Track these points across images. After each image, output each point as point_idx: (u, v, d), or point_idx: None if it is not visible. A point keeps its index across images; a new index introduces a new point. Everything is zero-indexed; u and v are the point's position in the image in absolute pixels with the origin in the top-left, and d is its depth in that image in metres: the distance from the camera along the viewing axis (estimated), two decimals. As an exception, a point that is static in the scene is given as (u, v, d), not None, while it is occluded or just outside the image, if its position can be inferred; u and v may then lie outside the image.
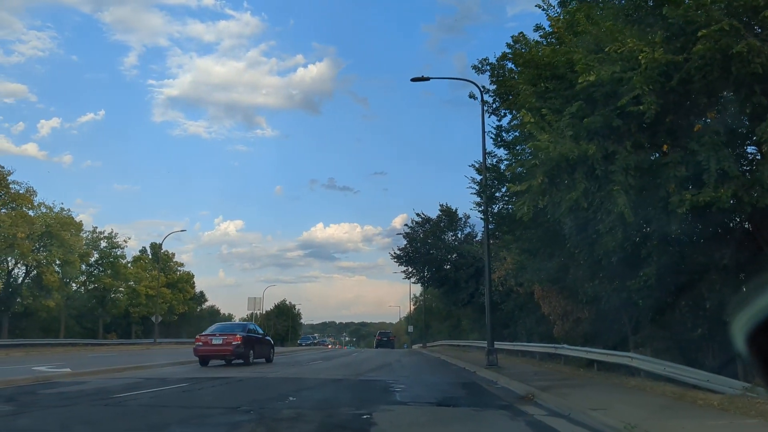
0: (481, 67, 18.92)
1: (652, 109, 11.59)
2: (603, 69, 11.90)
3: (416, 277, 51.19)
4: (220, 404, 11.85)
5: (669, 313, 16.94)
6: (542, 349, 25.60)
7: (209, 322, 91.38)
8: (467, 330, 52.86)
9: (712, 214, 12.54)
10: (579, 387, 14.33)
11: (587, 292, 20.32)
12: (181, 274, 79.96)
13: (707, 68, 11.08)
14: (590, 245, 15.70)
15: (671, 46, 11.62)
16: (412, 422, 10.01)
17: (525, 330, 33.32)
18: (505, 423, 9.89)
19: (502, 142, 20.71)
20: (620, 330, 20.04)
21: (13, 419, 9.88)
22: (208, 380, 16.69)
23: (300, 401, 12.32)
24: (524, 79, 14.33)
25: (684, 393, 12.12)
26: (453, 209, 48.20)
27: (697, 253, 15.23)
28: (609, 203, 12.63)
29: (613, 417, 9.30)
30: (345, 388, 15.53)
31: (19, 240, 47.40)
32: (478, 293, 41.03)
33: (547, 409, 11.44)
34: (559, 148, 12.38)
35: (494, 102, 20.25)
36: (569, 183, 13.54)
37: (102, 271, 65.24)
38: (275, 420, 9.65)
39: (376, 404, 11.63)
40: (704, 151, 11.45)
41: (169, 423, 9.59)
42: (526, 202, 14.13)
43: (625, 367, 16.73)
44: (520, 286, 29.38)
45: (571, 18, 14.15)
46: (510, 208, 19.19)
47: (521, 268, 24.86)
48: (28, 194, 50.91)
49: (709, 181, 11.34)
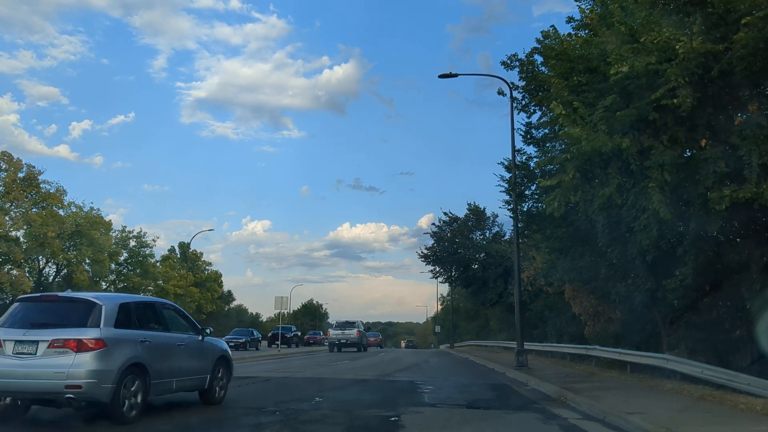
0: (510, 63, 18.57)
1: (688, 101, 11.20)
2: (637, 60, 11.51)
3: (443, 277, 50.96)
4: (245, 405, 11.67)
5: (705, 313, 16.43)
6: (573, 350, 25.11)
7: (237, 321, 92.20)
8: (495, 330, 52.36)
9: (752, 211, 12.08)
10: (613, 389, 13.94)
11: (619, 291, 19.86)
12: (209, 274, 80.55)
13: (750, 58, 10.64)
14: (623, 244, 15.31)
15: (710, 35, 11.19)
16: (442, 425, 9.72)
17: (555, 330, 32.79)
18: (538, 427, 9.56)
19: (531, 139, 20.33)
20: (653, 331, 19.54)
21: (35, 414, 9.78)
22: (233, 380, 16.52)
23: (326, 402, 12.09)
24: (556, 73, 13.95)
25: (723, 396, 11.70)
26: (481, 208, 47.85)
27: (735, 252, 14.74)
28: (644, 200, 12.25)
29: (651, 421, 8.94)
30: (372, 388, 15.28)
31: (49, 239, 47.99)
32: (506, 293, 40.59)
33: (581, 412, 11.09)
34: (592, 141, 12.02)
35: (523, 99, 19.85)
36: (602, 179, 13.18)
37: (131, 269, 65.92)
38: (301, 422, 9.44)
39: (404, 406, 11.37)
40: (746, 145, 11.02)
41: (193, 423, 9.43)
42: (557, 198, 13.78)
43: (659, 369, 16.26)
44: (549, 285, 28.92)
45: (604, 9, 13.75)
46: (540, 206, 18.82)
47: (551, 268, 24.40)
48: (58, 194, 51.52)
49: (751, 176, 10.91)
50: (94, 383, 8.45)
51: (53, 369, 8.40)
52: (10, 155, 48.44)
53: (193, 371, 10.89)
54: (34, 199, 49.76)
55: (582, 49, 13.40)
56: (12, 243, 46.91)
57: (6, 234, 46.32)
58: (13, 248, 46.36)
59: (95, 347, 8.61)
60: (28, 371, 8.45)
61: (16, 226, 47.87)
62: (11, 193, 47.49)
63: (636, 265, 16.49)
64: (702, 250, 14.47)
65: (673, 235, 14.27)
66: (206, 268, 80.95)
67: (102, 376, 8.54)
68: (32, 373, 8.44)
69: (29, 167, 49.69)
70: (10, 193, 47.42)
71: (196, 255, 79.46)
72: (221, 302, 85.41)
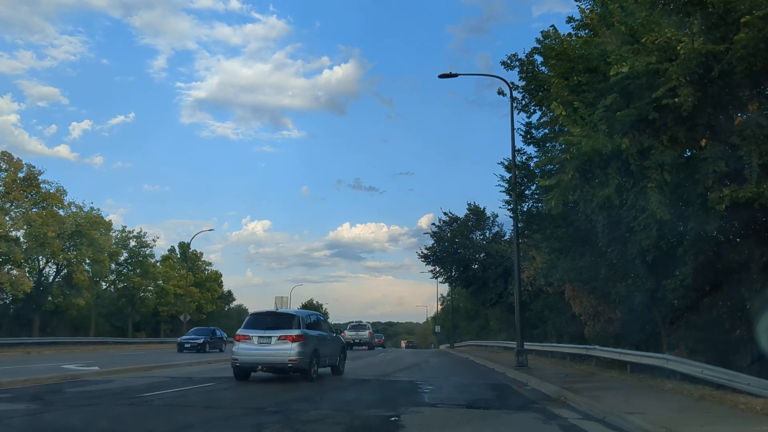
0: (510, 63, 18.57)
1: (689, 101, 11.19)
2: (638, 60, 11.51)
3: (443, 277, 50.93)
4: (246, 405, 11.68)
5: (705, 313, 16.42)
6: (573, 350, 25.10)
7: (237, 321, 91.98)
8: (495, 330, 52.35)
9: (752, 211, 12.07)
10: (613, 389, 13.94)
11: (619, 291, 19.85)
12: (209, 274, 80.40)
13: (750, 58, 10.63)
14: (623, 244, 15.30)
15: (710, 35, 11.18)
16: (442, 425, 9.71)
17: (555, 330, 32.78)
18: (538, 427, 9.55)
19: (531, 139, 20.32)
20: (653, 331, 19.53)
21: (37, 417, 9.81)
22: (234, 380, 16.54)
23: (326, 402, 12.10)
24: (556, 73, 13.94)
25: (723, 396, 11.70)
26: (481, 208, 47.79)
27: (735, 252, 14.73)
28: (643, 200, 12.24)
29: (651, 421, 8.93)
30: (372, 389, 15.29)
31: (49, 239, 47.90)
32: (506, 293, 40.58)
33: (581, 412, 11.09)
34: (592, 142, 12.01)
35: (523, 98, 19.84)
36: (602, 179, 13.16)
37: (131, 270, 65.80)
38: (301, 422, 9.43)
39: (404, 406, 11.37)
40: (746, 145, 11.01)
41: (193, 423, 9.43)
42: (555, 197, 13.78)
43: (659, 369, 16.26)
44: (549, 285, 28.91)
45: (604, 9, 13.74)
46: (540, 206, 18.82)
47: (551, 268, 24.38)
48: (58, 193, 51.45)
49: (751, 176, 10.90)
50: (300, 359, 15.81)
51: (281, 351, 15.78)
52: (10, 155, 48.35)
53: (333, 355, 18.67)
54: (34, 199, 49.66)
55: (582, 49, 13.39)
56: (12, 243, 46.81)
57: (6, 234, 46.22)
58: (13, 248, 46.27)
59: (300, 339, 15.92)
60: (267, 352, 15.90)
61: (16, 226, 47.78)
62: (11, 193, 47.39)
63: (636, 265, 16.49)
64: (702, 250, 14.45)
65: (673, 235, 14.25)
66: (206, 268, 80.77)
67: (304, 356, 15.94)
68: (270, 353, 15.86)
69: (29, 167, 49.58)
70: (10, 193, 47.32)
71: (196, 255, 79.35)
72: (221, 302, 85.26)
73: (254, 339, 15.94)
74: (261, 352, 15.85)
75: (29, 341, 41.80)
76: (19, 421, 9.38)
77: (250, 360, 16.08)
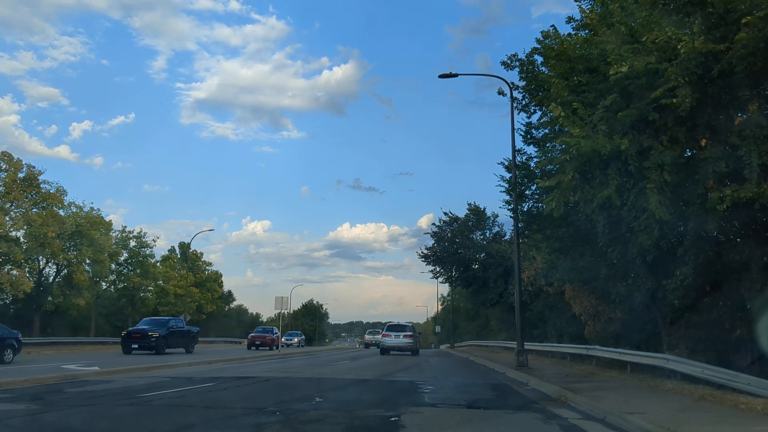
0: (510, 63, 18.59)
1: (688, 101, 11.19)
2: (637, 60, 11.51)
3: (444, 277, 50.96)
4: (246, 405, 11.67)
5: (706, 313, 16.42)
6: (573, 350, 25.11)
7: (237, 321, 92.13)
8: (495, 330, 52.39)
9: (752, 211, 12.07)
10: (613, 389, 13.93)
11: (620, 291, 19.85)
12: (210, 274, 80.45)
13: (750, 58, 10.63)
14: (623, 244, 15.29)
15: (710, 35, 11.18)
16: (442, 425, 9.71)
17: (555, 330, 32.81)
18: (538, 427, 9.55)
19: (531, 139, 20.35)
20: (653, 331, 19.54)
21: (37, 417, 9.79)
22: (234, 380, 16.55)
23: (326, 402, 12.08)
24: (556, 73, 13.95)
25: (723, 396, 11.70)
26: (481, 208, 47.82)
27: (736, 252, 14.73)
28: (643, 201, 12.24)
29: (651, 421, 8.92)
30: (372, 389, 15.27)
31: (49, 239, 47.94)
32: (506, 293, 40.61)
33: (581, 412, 11.08)
34: (591, 143, 12.02)
35: (523, 99, 19.86)
36: (601, 179, 13.16)
37: (131, 270, 65.81)
38: (301, 422, 9.42)
39: (404, 406, 11.36)
40: (746, 145, 11.02)
41: (193, 423, 9.42)
42: (555, 198, 13.78)
43: (659, 369, 16.26)
44: (549, 285, 28.92)
45: (604, 9, 13.75)
46: (540, 206, 18.81)
47: (551, 268, 24.41)
48: (58, 194, 51.48)
49: (751, 176, 10.91)
50: (414, 347, 37.85)
51: (406, 342, 37.17)
52: (10, 155, 48.37)
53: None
54: (34, 199, 49.68)
55: (582, 49, 13.40)
56: (12, 243, 46.85)
57: (6, 234, 46.26)
58: (13, 248, 46.31)
59: (414, 336, 38.37)
60: (399, 342, 37.16)
61: (16, 226, 47.82)
62: (11, 194, 47.42)
63: (636, 265, 16.49)
64: (702, 250, 14.46)
65: (673, 235, 14.26)
66: (206, 269, 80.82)
67: (416, 345, 38.58)
68: (400, 343, 37.13)
69: (29, 167, 49.62)
70: (10, 193, 47.36)
71: (196, 255, 79.40)
72: (221, 302, 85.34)
73: (392, 336, 36.86)
74: (397, 342, 36.77)
75: (29, 341, 41.68)
76: (19, 422, 9.38)
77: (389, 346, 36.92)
